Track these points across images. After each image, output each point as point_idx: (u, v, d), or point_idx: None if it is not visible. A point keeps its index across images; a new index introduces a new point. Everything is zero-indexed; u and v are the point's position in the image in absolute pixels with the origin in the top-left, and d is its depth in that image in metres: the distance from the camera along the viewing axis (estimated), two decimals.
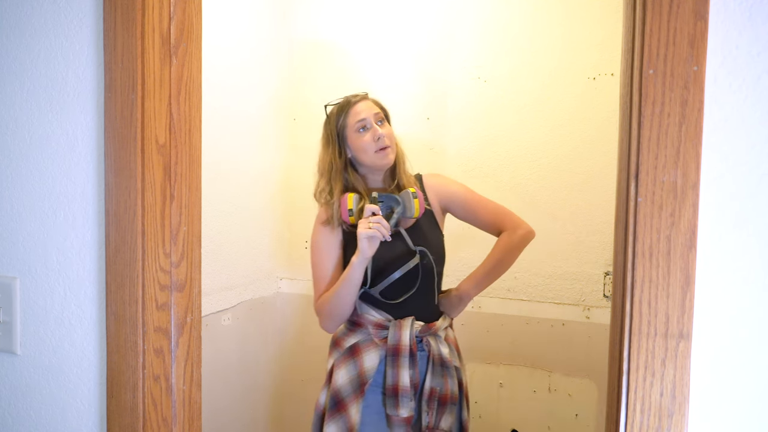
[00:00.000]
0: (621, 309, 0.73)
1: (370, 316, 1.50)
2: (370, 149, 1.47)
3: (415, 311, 1.50)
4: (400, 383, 1.44)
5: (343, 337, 1.54)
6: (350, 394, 1.47)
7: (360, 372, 1.48)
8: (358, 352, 1.50)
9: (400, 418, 1.45)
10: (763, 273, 0.68)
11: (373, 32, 2.25)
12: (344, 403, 1.47)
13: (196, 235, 0.91)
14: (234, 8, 2.11)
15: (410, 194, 1.46)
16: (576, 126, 2.01)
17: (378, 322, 1.49)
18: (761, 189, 0.68)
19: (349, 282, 1.41)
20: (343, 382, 1.48)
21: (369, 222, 1.35)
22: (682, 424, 0.69)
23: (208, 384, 1.95)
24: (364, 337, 1.50)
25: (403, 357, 1.44)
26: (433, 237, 1.53)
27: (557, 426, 2.08)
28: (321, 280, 1.52)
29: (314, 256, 1.54)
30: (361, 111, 1.48)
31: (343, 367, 1.50)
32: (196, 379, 0.91)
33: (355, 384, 1.48)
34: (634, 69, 0.71)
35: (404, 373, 1.44)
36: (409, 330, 1.46)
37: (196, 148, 0.90)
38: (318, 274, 1.53)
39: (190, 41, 0.87)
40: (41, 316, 0.92)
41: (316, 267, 1.54)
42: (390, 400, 1.46)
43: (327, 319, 1.50)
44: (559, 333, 2.05)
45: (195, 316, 0.91)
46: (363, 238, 1.35)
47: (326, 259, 1.52)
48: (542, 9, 2.03)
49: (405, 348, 1.45)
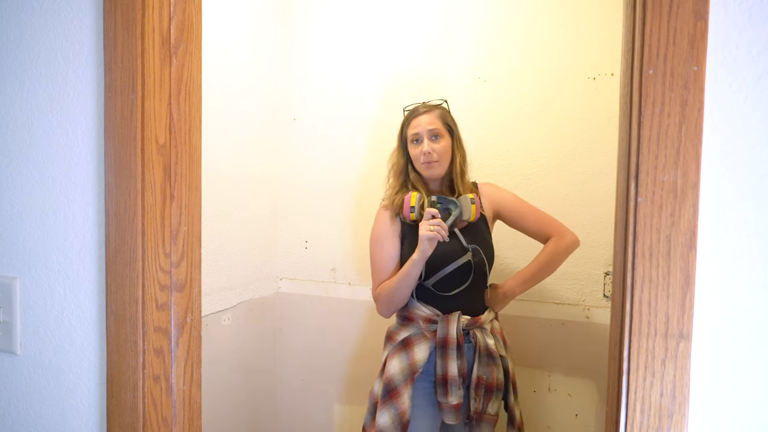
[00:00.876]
0: (621, 309, 0.73)
1: (419, 311, 1.64)
2: (417, 160, 1.67)
3: (462, 306, 1.64)
4: (449, 373, 1.57)
5: (396, 332, 1.69)
6: (401, 383, 1.59)
7: (411, 362, 1.60)
8: (410, 344, 1.63)
9: (450, 405, 1.57)
10: (763, 273, 0.68)
11: (373, 32, 2.25)
12: (397, 391, 1.59)
13: (196, 235, 0.91)
14: (234, 8, 2.11)
15: (468, 199, 1.63)
16: (576, 126, 2.01)
17: (428, 317, 1.63)
18: (761, 189, 0.68)
19: (408, 276, 1.56)
20: (395, 372, 1.60)
21: (429, 224, 1.50)
22: (682, 424, 0.69)
23: (208, 384, 1.95)
24: (415, 331, 1.64)
25: (451, 349, 1.57)
26: (484, 238, 1.68)
27: (557, 426, 2.08)
28: (381, 269, 1.66)
29: (375, 245, 1.69)
30: (418, 125, 1.66)
31: (396, 358, 1.62)
32: (196, 379, 0.92)
33: (407, 373, 1.59)
34: (634, 69, 0.71)
35: (452, 363, 1.57)
36: (455, 324, 1.59)
37: (196, 148, 0.90)
38: (377, 263, 1.67)
39: (190, 41, 0.87)
40: (41, 316, 0.92)
41: (374, 256, 1.68)
42: (440, 388, 1.58)
43: (384, 306, 1.65)
44: (558, 333, 2.05)
45: (195, 316, 0.91)
46: (425, 239, 1.50)
47: (386, 250, 1.66)
48: (542, 9, 2.03)
49: (453, 340, 1.58)
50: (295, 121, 2.41)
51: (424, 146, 1.64)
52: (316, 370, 2.43)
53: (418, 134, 1.66)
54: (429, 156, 1.64)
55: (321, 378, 2.42)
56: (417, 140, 1.67)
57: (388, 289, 1.62)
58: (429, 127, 1.65)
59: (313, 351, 2.42)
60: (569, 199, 2.03)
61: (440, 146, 1.65)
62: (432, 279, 1.62)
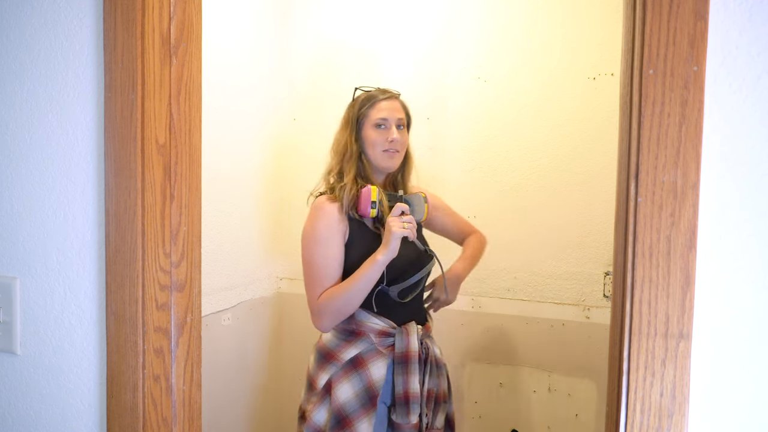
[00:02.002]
0: (621, 309, 0.73)
1: (372, 324, 1.44)
2: (379, 146, 1.46)
3: (414, 314, 1.50)
4: (411, 390, 1.40)
5: (338, 350, 1.46)
6: (357, 410, 1.40)
7: (368, 385, 1.41)
8: (363, 363, 1.43)
9: (410, 425, 1.41)
10: (763, 273, 0.68)
11: (373, 32, 2.25)
12: (349, 420, 1.40)
13: (196, 235, 0.91)
14: (234, 8, 2.11)
15: (422, 198, 1.51)
16: (576, 126, 2.01)
17: (382, 330, 1.44)
18: (761, 189, 0.68)
19: (369, 280, 1.36)
20: (347, 398, 1.41)
21: (402, 221, 1.34)
22: (682, 424, 0.69)
23: (208, 384, 1.95)
24: (366, 347, 1.43)
25: (412, 363, 1.41)
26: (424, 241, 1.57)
27: (557, 426, 2.08)
28: (325, 274, 1.40)
29: (316, 245, 1.41)
30: (386, 109, 1.47)
31: (345, 382, 1.42)
32: (196, 379, 0.91)
33: (363, 398, 1.41)
34: (634, 69, 0.71)
35: (413, 379, 1.41)
36: (415, 335, 1.43)
37: (196, 148, 0.90)
38: (321, 267, 1.40)
39: (190, 41, 0.87)
40: (41, 316, 0.92)
41: (317, 258, 1.41)
42: (401, 408, 1.40)
43: (331, 318, 1.40)
44: (559, 333, 2.05)
45: (195, 316, 0.91)
46: (398, 236, 1.33)
47: (332, 251, 1.40)
48: (542, 9, 2.03)
49: (414, 354, 1.41)
50: (295, 121, 2.41)
51: (392, 133, 1.46)
52: None
53: (387, 120, 1.47)
54: (394, 144, 1.46)
55: None
56: (383, 125, 1.47)
57: (338, 296, 1.37)
58: (398, 115, 1.49)
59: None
60: (569, 199, 2.03)
61: (404, 138, 1.50)
62: (397, 287, 1.43)
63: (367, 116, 1.48)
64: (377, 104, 1.48)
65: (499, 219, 2.11)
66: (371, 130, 1.47)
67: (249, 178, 2.25)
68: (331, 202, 1.43)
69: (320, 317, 1.42)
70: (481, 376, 2.16)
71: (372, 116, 1.47)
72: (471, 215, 2.14)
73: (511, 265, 2.11)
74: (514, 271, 2.11)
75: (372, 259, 1.36)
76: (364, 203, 1.39)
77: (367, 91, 1.53)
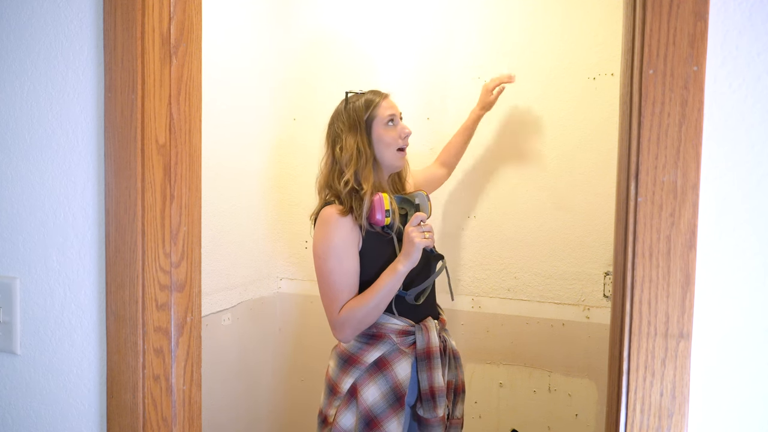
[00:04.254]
0: (621, 309, 0.73)
1: (393, 325, 1.44)
2: (393, 146, 1.45)
3: (428, 311, 1.52)
4: (436, 384, 1.42)
5: (360, 353, 1.45)
6: (385, 410, 1.41)
7: (395, 385, 1.42)
8: (387, 364, 1.43)
9: (437, 419, 1.42)
10: (763, 273, 0.68)
11: (373, 32, 2.25)
12: (378, 420, 1.40)
13: (196, 235, 0.91)
14: (234, 8, 2.11)
15: (425, 197, 1.51)
16: (576, 126, 2.01)
17: (402, 330, 1.45)
18: (761, 189, 0.68)
19: (390, 290, 1.37)
20: (374, 399, 1.41)
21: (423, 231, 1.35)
22: (682, 424, 0.69)
23: (208, 384, 1.95)
24: (389, 348, 1.44)
25: (435, 358, 1.43)
26: None
27: (557, 426, 2.08)
28: (344, 288, 1.39)
29: (333, 260, 1.38)
30: (390, 107, 1.47)
31: (371, 384, 1.42)
32: (196, 379, 0.91)
33: (391, 398, 1.41)
34: (634, 69, 0.71)
35: (437, 373, 1.43)
36: (434, 330, 1.46)
37: (196, 148, 0.90)
38: (339, 281, 1.39)
39: (190, 41, 0.87)
40: (41, 316, 0.92)
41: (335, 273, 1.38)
42: (427, 403, 1.42)
43: (352, 329, 1.39)
44: (558, 333, 2.05)
45: (195, 316, 0.91)
46: (420, 247, 1.34)
47: (348, 264, 1.39)
48: (542, 9, 2.03)
49: (436, 348, 1.43)
50: (295, 121, 2.41)
51: (404, 128, 1.45)
52: (316, 370, 2.43)
53: (394, 115, 1.46)
54: (407, 141, 1.46)
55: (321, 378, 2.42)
56: (392, 121, 1.45)
57: (360, 308, 1.37)
58: (399, 111, 1.49)
59: (313, 351, 2.42)
60: (569, 199, 2.03)
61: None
62: (414, 290, 1.44)
63: (375, 116, 1.45)
64: (383, 102, 1.48)
65: (499, 219, 2.11)
66: (383, 129, 1.45)
67: (249, 178, 2.25)
68: (342, 215, 1.39)
69: (342, 330, 1.41)
70: (481, 375, 2.16)
71: (382, 114, 1.46)
72: (471, 215, 2.15)
73: (511, 265, 2.11)
74: (515, 271, 2.11)
75: (393, 270, 1.37)
76: (379, 213, 1.37)
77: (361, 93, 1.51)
